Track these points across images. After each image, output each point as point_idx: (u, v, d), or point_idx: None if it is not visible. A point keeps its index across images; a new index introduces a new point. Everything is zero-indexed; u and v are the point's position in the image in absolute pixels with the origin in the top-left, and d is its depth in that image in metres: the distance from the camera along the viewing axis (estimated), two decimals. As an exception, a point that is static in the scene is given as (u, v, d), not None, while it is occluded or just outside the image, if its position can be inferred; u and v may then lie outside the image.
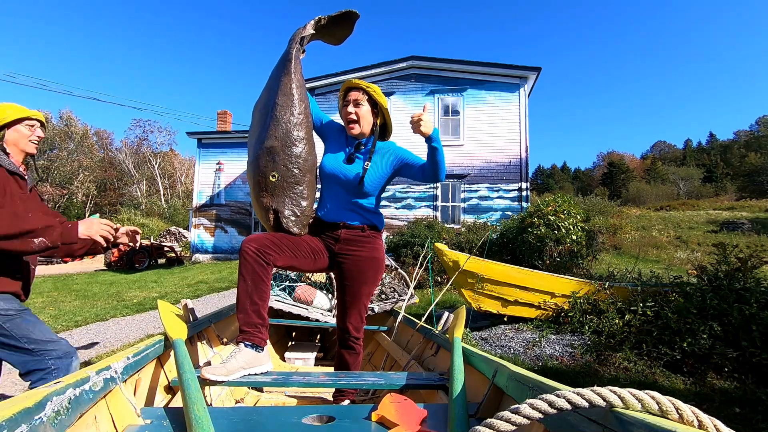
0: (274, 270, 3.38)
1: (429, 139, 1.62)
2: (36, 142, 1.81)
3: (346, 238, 1.77)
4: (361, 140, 1.83)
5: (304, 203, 1.72)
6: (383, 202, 13.38)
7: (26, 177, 1.75)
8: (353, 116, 1.78)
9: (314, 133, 1.89)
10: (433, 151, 1.63)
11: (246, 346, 1.48)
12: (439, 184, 13.55)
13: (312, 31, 1.80)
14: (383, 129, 1.88)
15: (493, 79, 13.62)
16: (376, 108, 1.82)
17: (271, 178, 1.67)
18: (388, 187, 1.90)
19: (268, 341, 1.59)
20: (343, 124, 1.90)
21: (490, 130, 13.51)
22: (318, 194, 1.81)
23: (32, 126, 1.78)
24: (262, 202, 1.71)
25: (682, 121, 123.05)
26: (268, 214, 1.70)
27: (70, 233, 1.54)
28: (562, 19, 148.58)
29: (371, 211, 1.81)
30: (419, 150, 1.64)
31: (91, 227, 1.61)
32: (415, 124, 1.60)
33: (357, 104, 1.78)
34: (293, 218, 1.69)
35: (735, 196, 31.83)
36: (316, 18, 1.81)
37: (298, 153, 1.69)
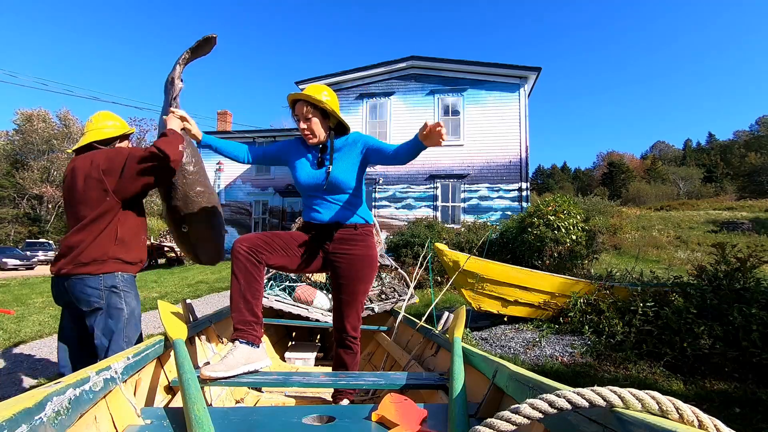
0: (274, 271, 3.37)
1: (424, 143, 1.58)
2: None
3: (339, 238, 1.77)
4: (325, 143, 1.80)
5: (216, 241, 2.13)
6: (383, 202, 13.40)
7: None
8: (306, 131, 1.76)
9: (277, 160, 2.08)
10: (419, 149, 1.57)
11: (241, 343, 1.49)
12: (439, 185, 13.60)
13: (180, 70, 2.15)
14: (340, 128, 1.84)
15: (493, 79, 13.61)
16: (327, 115, 1.77)
17: (182, 229, 2.02)
18: (388, 187, 1.90)
19: (263, 339, 1.59)
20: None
21: (490, 130, 13.51)
22: (305, 202, 1.91)
23: (131, 140, 2.11)
24: (183, 248, 2.13)
25: (682, 121, 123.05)
26: (190, 255, 2.15)
27: (173, 136, 1.78)
28: (562, 19, 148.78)
29: (357, 204, 1.81)
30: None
31: (172, 123, 1.85)
32: (437, 135, 1.42)
33: (306, 119, 1.74)
34: (209, 256, 2.14)
35: (735, 196, 31.82)
36: (181, 57, 2.17)
37: (200, 206, 2.01)
